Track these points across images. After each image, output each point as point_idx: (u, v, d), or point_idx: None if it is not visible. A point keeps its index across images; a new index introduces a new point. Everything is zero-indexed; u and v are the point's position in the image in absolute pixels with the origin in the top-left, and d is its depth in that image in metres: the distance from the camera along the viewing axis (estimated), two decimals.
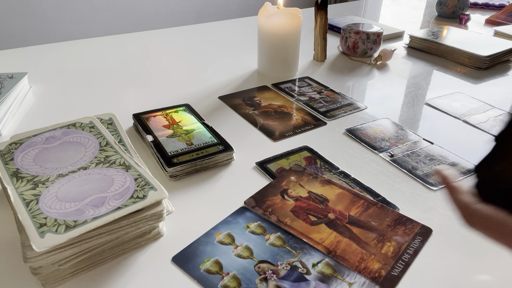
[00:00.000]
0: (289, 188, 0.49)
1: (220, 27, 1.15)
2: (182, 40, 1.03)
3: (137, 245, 0.40)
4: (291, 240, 0.42)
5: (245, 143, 0.58)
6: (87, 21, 2.31)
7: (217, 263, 0.39)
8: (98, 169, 0.43)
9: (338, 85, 0.79)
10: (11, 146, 0.45)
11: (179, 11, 2.61)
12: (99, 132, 0.49)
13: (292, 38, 0.77)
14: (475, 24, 1.22)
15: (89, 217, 0.36)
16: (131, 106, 0.67)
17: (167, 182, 0.50)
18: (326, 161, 0.55)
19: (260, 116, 0.66)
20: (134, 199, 0.38)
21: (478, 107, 0.71)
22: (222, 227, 0.43)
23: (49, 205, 0.37)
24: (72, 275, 0.37)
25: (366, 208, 0.46)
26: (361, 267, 0.39)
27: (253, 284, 0.36)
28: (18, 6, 2.08)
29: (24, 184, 0.40)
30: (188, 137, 0.55)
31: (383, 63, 0.90)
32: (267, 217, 0.44)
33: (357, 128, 0.63)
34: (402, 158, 0.56)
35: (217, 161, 0.53)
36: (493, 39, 0.98)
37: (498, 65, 0.90)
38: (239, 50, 0.96)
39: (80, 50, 0.92)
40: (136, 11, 2.45)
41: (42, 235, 0.33)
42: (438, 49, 0.95)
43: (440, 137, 0.61)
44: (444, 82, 0.82)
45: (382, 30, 0.91)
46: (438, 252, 0.41)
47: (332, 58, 0.93)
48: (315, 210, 0.45)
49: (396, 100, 0.74)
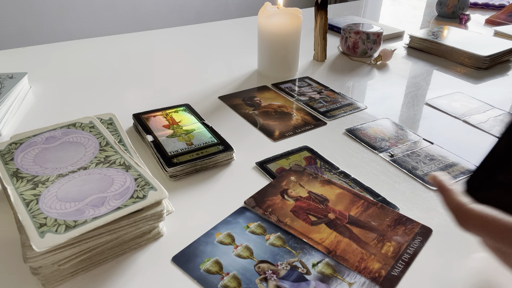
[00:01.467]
0: (289, 188, 0.49)
1: (220, 27, 1.15)
2: (182, 40, 1.03)
3: (137, 245, 0.40)
4: (291, 240, 0.41)
5: (245, 143, 0.58)
6: (87, 21, 2.31)
7: (217, 263, 0.39)
8: (98, 169, 0.43)
9: (338, 85, 0.79)
10: (11, 146, 0.45)
11: (179, 11, 2.61)
12: (99, 132, 0.49)
13: (292, 38, 0.77)
14: (475, 24, 1.22)
15: (89, 217, 0.36)
16: (131, 106, 0.67)
17: (167, 182, 0.50)
18: (326, 161, 0.55)
19: (260, 116, 0.66)
20: (134, 199, 0.38)
21: (478, 107, 0.71)
22: (222, 227, 0.43)
23: (49, 205, 0.37)
24: (72, 275, 0.37)
25: (366, 208, 0.46)
26: (361, 267, 0.39)
27: (253, 284, 0.36)
28: (18, 6, 2.09)
29: (24, 184, 0.40)
30: (188, 137, 0.55)
31: (383, 63, 0.90)
32: (267, 217, 0.44)
33: (357, 128, 0.63)
34: (402, 158, 0.56)
35: (217, 161, 0.53)
36: (493, 39, 0.98)
37: (498, 65, 0.90)
38: (239, 50, 0.96)
39: (80, 50, 0.92)
40: (136, 11, 2.45)
41: (42, 235, 0.33)
42: (438, 49, 0.95)
43: (440, 137, 0.61)
44: (444, 82, 0.82)
45: (382, 30, 0.91)
46: (438, 252, 0.41)
47: (332, 58, 0.93)
48: (315, 210, 0.45)
49: (396, 100, 0.74)
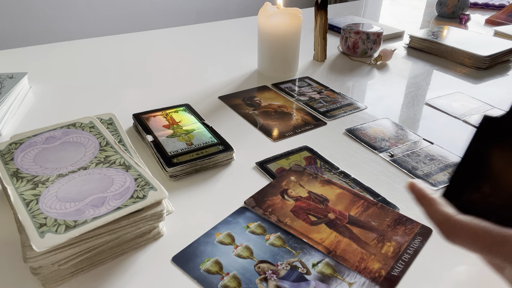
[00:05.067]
0: (289, 188, 0.49)
1: (220, 27, 1.15)
2: (182, 40, 1.03)
3: (137, 245, 0.40)
4: (291, 240, 0.41)
5: (245, 143, 0.58)
6: (87, 21, 2.31)
7: (217, 263, 0.39)
8: (98, 169, 0.43)
9: (338, 85, 0.79)
10: (11, 146, 0.45)
11: (179, 11, 2.61)
12: (99, 132, 0.49)
13: (292, 38, 0.77)
14: (475, 24, 1.22)
15: (89, 217, 0.36)
16: (131, 106, 0.67)
17: (167, 182, 0.50)
18: (326, 161, 0.55)
19: (260, 116, 0.66)
20: (134, 199, 0.38)
21: (478, 107, 0.71)
22: (222, 227, 0.43)
23: (49, 205, 0.37)
24: (72, 275, 0.37)
25: (366, 208, 0.46)
26: (361, 267, 0.39)
27: (253, 284, 0.36)
28: (18, 6, 2.09)
29: (24, 184, 0.40)
30: (188, 137, 0.55)
31: (383, 63, 0.90)
32: (267, 217, 0.44)
33: (357, 128, 0.63)
34: (402, 158, 0.56)
35: (217, 161, 0.53)
36: (493, 39, 0.98)
37: (498, 65, 0.90)
38: (239, 50, 0.96)
39: (80, 50, 0.92)
40: (136, 11, 2.45)
41: (42, 235, 0.33)
42: (438, 49, 0.95)
43: (440, 137, 0.61)
44: (444, 82, 0.82)
45: (382, 30, 0.91)
46: (438, 252, 0.41)
47: (332, 58, 0.93)
48: (315, 210, 0.45)
49: (396, 100, 0.74)
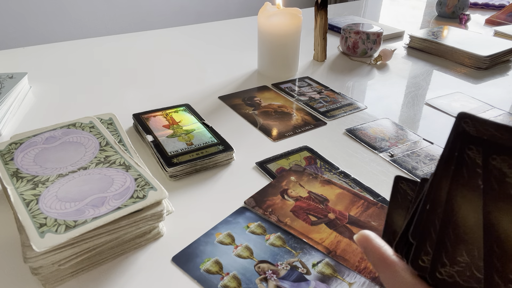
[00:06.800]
0: (289, 188, 0.49)
1: (220, 27, 1.15)
2: (182, 40, 1.03)
3: (137, 245, 0.40)
4: (291, 240, 0.41)
5: (245, 143, 0.58)
6: (87, 21, 2.31)
7: (217, 263, 0.39)
8: (98, 169, 0.43)
9: (338, 85, 0.79)
10: (11, 146, 0.45)
11: (179, 11, 2.61)
12: (99, 132, 0.49)
13: (292, 38, 0.77)
14: (475, 24, 1.22)
15: (89, 217, 0.36)
16: (131, 106, 0.67)
17: (167, 182, 0.50)
18: (326, 161, 0.55)
19: (260, 116, 0.66)
20: (134, 199, 0.38)
21: (478, 107, 0.71)
22: (222, 227, 0.43)
23: (49, 205, 0.37)
24: (72, 275, 0.37)
25: (366, 208, 0.46)
26: (361, 267, 0.39)
27: (253, 284, 0.36)
28: (18, 6, 2.09)
29: (24, 184, 0.40)
30: (188, 137, 0.55)
31: (383, 63, 0.90)
32: (267, 217, 0.44)
33: (357, 128, 0.63)
34: (402, 158, 0.56)
35: (217, 161, 0.53)
36: (493, 39, 0.98)
37: (498, 65, 0.90)
38: (239, 50, 0.96)
39: (80, 50, 0.92)
40: (136, 11, 2.45)
41: (42, 235, 0.33)
42: (438, 49, 0.95)
43: (440, 137, 0.61)
44: (444, 82, 0.82)
45: (382, 30, 0.91)
46: None
47: (332, 58, 0.93)
48: (315, 210, 0.45)
49: (396, 100, 0.74)
